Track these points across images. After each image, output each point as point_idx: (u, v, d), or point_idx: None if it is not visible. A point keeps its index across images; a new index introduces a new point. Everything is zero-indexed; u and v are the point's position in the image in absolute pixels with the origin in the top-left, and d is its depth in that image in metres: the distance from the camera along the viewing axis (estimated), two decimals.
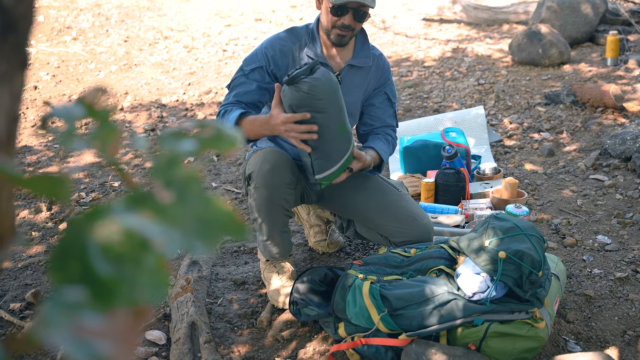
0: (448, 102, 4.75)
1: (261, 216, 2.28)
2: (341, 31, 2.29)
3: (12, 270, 2.71)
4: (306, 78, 2.05)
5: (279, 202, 2.24)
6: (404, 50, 6.28)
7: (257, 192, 2.22)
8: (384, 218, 2.37)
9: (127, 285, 0.50)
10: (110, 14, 7.81)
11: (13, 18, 0.53)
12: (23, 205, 3.32)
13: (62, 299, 0.46)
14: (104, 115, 0.60)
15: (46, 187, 0.54)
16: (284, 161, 2.22)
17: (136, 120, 4.68)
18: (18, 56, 0.56)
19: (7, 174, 0.51)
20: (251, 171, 2.22)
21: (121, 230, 0.52)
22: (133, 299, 0.49)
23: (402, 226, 2.36)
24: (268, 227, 2.31)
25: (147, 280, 0.51)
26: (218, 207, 0.57)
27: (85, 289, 0.47)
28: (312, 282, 2.23)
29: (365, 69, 2.44)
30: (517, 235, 2.03)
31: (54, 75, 5.69)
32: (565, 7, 5.86)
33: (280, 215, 2.29)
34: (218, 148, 0.62)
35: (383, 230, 2.39)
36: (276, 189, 2.21)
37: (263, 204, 2.24)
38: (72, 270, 0.49)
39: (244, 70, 2.35)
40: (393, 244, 2.40)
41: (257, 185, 2.20)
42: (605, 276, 2.53)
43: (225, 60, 6.17)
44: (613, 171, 3.50)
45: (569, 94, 4.47)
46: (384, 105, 2.49)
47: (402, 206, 2.38)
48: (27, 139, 4.26)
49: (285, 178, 2.21)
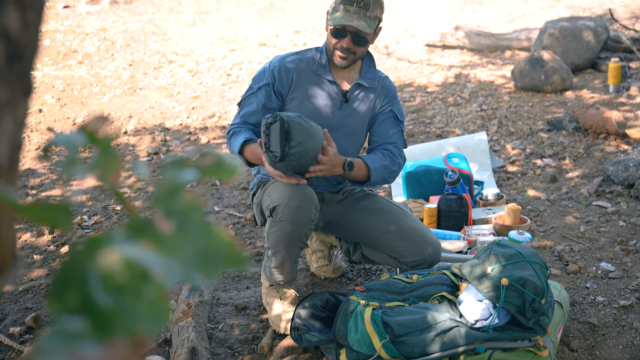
0: (451, 127, 4.77)
1: (278, 247, 2.28)
2: (342, 53, 2.34)
3: (12, 294, 2.71)
4: (291, 149, 2.10)
5: (300, 238, 2.26)
6: (407, 76, 6.32)
7: (280, 225, 2.22)
8: (393, 238, 2.39)
9: (127, 316, 0.50)
10: (116, 38, 7.88)
11: (18, 47, 0.54)
12: (25, 228, 3.32)
13: (61, 328, 0.46)
14: (106, 143, 0.61)
15: (47, 215, 0.54)
16: (311, 199, 2.22)
17: (140, 144, 4.70)
18: (22, 84, 0.56)
19: (8, 201, 0.51)
20: (277, 204, 2.21)
21: (121, 261, 0.52)
22: (132, 329, 0.49)
23: (412, 246, 2.37)
24: (282, 257, 2.32)
25: (146, 311, 0.51)
26: (219, 237, 0.57)
27: (85, 319, 0.47)
28: (314, 307, 2.22)
29: (372, 90, 2.49)
30: (520, 262, 2.02)
31: (58, 99, 5.72)
32: (567, 34, 5.89)
33: (296, 249, 2.31)
34: (218, 176, 0.62)
35: (392, 251, 2.41)
36: (301, 226, 2.22)
37: (284, 237, 2.24)
38: (71, 300, 0.49)
39: (253, 89, 2.43)
40: (402, 264, 2.41)
41: (282, 218, 2.20)
42: (609, 304, 2.51)
43: (229, 84, 6.20)
44: (616, 198, 3.49)
45: (571, 120, 4.48)
46: (389, 122, 2.50)
47: (410, 226, 2.40)
48: (30, 162, 4.27)
49: (311, 215, 2.22)
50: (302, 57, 2.44)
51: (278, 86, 2.39)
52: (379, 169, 2.40)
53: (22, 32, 0.54)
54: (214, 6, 10.24)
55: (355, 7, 2.28)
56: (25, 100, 0.59)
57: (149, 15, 9.36)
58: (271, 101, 2.40)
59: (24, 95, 0.58)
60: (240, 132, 2.35)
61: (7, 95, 0.55)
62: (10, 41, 0.54)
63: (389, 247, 2.41)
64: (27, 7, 0.54)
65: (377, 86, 2.50)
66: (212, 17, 9.39)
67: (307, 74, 2.41)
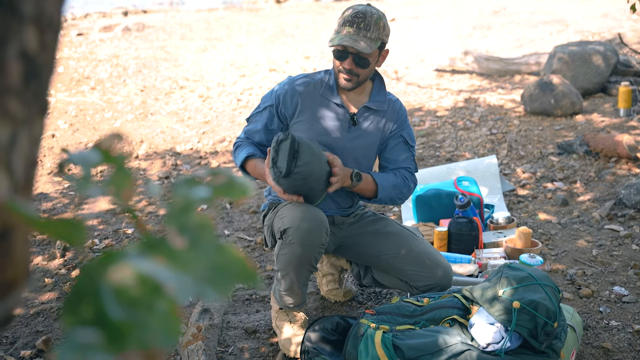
0: (461, 151, 4.77)
1: (287, 270, 2.28)
2: (346, 75, 2.37)
3: (23, 317, 2.71)
4: (297, 168, 2.14)
5: (310, 261, 2.26)
6: (416, 100, 6.34)
7: (290, 247, 2.23)
8: (404, 262, 2.38)
9: (140, 329, 0.50)
10: (128, 65, 7.97)
11: (36, 66, 0.55)
12: (38, 251, 3.33)
13: (75, 340, 0.47)
14: (120, 161, 0.62)
15: (62, 231, 0.55)
16: (322, 222, 2.24)
17: (151, 168, 4.73)
18: (39, 102, 0.57)
19: (24, 216, 0.52)
20: (288, 227, 2.22)
21: (134, 275, 0.53)
22: (145, 342, 0.50)
23: (423, 270, 2.37)
24: (291, 280, 2.31)
25: (159, 324, 0.51)
26: (230, 253, 0.58)
27: (98, 332, 0.48)
28: (324, 330, 2.21)
29: (381, 113, 2.49)
30: (532, 285, 2.01)
31: (71, 124, 5.78)
32: (576, 59, 5.91)
33: (306, 272, 2.31)
34: (230, 196, 0.63)
35: (403, 275, 2.40)
36: (311, 249, 2.22)
37: (294, 260, 2.25)
38: (85, 313, 0.50)
39: (260, 107, 2.50)
40: (414, 289, 2.40)
41: (292, 241, 2.21)
42: (623, 328, 2.49)
43: (240, 109, 6.25)
44: (628, 221, 3.47)
45: (582, 143, 4.47)
46: (400, 147, 2.51)
47: (422, 250, 2.39)
48: (43, 186, 4.31)
49: (321, 239, 2.23)
50: (311, 79, 2.47)
51: (282, 109, 2.43)
52: (388, 187, 2.41)
53: (39, 52, 0.56)
54: (224, 33, 10.35)
55: (355, 28, 2.30)
56: (41, 118, 0.60)
57: (160, 42, 9.48)
58: (273, 123, 2.45)
59: (40, 113, 0.60)
60: (244, 146, 2.44)
61: (24, 112, 0.56)
62: (29, 60, 0.55)
63: (400, 271, 2.41)
64: (45, 28, 0.56)
65: (387, 109, 2.50)
66: (223, 43, 9.50)
67: (314, 97, 2.43)
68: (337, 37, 2.32)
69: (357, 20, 2.30)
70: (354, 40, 2.29)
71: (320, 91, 2.44)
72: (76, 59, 8.17)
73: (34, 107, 0.58)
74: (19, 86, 0.54)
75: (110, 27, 10.40)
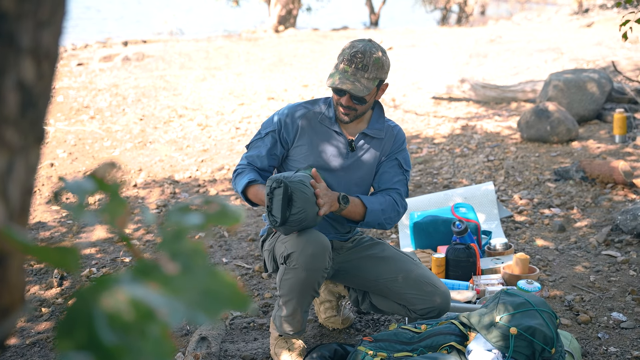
0: (458, 178, 4.79)
1: (291, 295, 2.29)
2: (343, 110, 2.40)
3: (19, 347, 2.70)
4: (292, 216, 2.17)
5: (313, 286, 2.27)
6: (414, 128, 6.38)
7: (294, 272, 2.24)
8: (402, 286, 2.39)
9: (132, 354, 0.51)
10: (127, 94, 8.02)
11: (33, 96, 0.57)
12: (35, 280, 3.33)
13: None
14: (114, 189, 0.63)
15: (56, 257, 0.56)
16: (325, 246, 2.25)
17: (149, 197, 4.74)
18: (35, 131, 0.59)
19: (19, 243, 0.53)
20: (292, 251, 2.23)
21: (127, 300, 0.53)
22: None
23: (421, 294, 2.38)
24: (294, 306, 2.32)
25: (151, 349, 0.52)
26: (222, 279, 0.59)
27: (91, 356, 0.49)
28: (322, 358, 2.21)
29: (379, 140, 2.52)
30: (529, 310, 2.01)
31: (70, 153, 5.81)
32: (571, 86, 5.96)
33: (309, 297, 2.32)
34: (223, 223, 0.64)
35: (401, 299, 2.41)
36: (315, 273, 2.23)
37: (297, 285, 2.25)
38: (78, 338, 0.50)
39: (261, 134, 2.50)
40: (412, 312, 2.41)
41: (296, 266, 2.22)
42: (622, 355, 2.48)
43: (238, 137, 6.28)
44: (625, 247, 3.47)
45: (578, 170, 4.49)
46: (393, 170, 2.53)
47: (420, 274, 2.40)
48: (41, 215, 4.31)
49: (324, 263, 2.24)
50: (310, 107, 2.50)
51: (284, 133, 2.45)
52: (376, 211, 2.41)
53: (36, 81, 0.58)
54: (223, 62, 10.44)
55: (353, 69, 2.33)
56: (37, 147, 0.62)
57: (160, 72, 9.55)
58: (276, 148, 2.47)
59: (36, 142, 0.61)
60: (245, 172, 2.43)
61: (20, 141, 0.58)
62: (26, 90, 0.57)
63: (398, 295, 2.41)
64: (42, 58, 0.57)
65: (384, 136, 2.53)
66: (222, 72, 9.58)
67: (313, 123, 2.47)
68: (334, 76, 2.35)
69: (355, 60, 2.32)
70: (351, 83, 2.31)
71: (319, 118, 2.47)
72: (76, 89, 8.23)
73: (31, 136, 0.59)
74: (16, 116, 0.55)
75: (110, 56, 10.49)
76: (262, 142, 2.48)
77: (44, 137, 0.62)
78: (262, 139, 2.49)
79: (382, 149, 2.53)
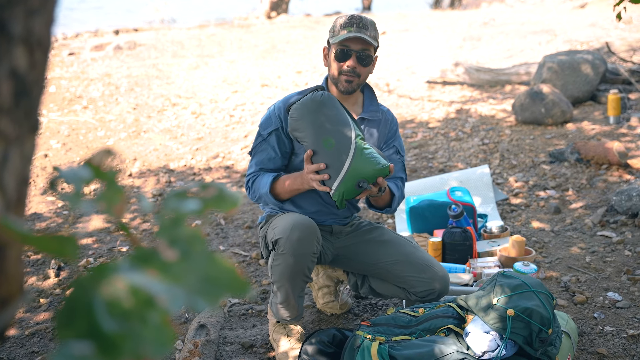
0: (453, 162, 4.79)
1: (282, 281, 2.29)
2: (347, 76, 2.38)
3: (18, 338, 2.70)
4: (294, 104, 2.23)
5: (303, 270, 2.27)
6: (408, 112, 6.37)
7: (282, 258, 2.24)
8: (402, 268, 2.40)
9: (133, 341, 0.51)
10: (120, 83, 7.99)
11: (26, 85, 0.56)
12: (32, 271, 3.32)
13: (68, 352, 0.47)
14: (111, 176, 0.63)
15: (54, 246, 0.56)
16: (312, 230, 2.25)
17: (145, 186, 4.73)
18: (30, 120, 0.58)
19: (16, 233, 0.52)
20: (279, 237, 2.23)
21: (127, 288, 0.53)
22: (138, 353, 0.51)
23: (421, 275, 2.39)
24: (286, 291, 2.32)
25: (152, 335, 0.52)
26: (221, 265, 0.59)
27: (91, 344, 0.49)
28: (321, 343, 2.21)
29: (376, 122, 2.54)
30: (525, 292, 2.02)
31: (64, 144, 5.78)
32: (565, 68, 5.96)
33: (300, 282, 2.31)
34: (220, 208, 0.63)
35: (401, 282, 2.42)
36: (303, 258, 2.23)
37: (287, 271, 2.25)
38: (79, 327, 0.50)
39: (262, 135, 2.44)
40: (411, 295, 2.42)
41: (283, 251, 2.22)
42: (618, 334, 2.50)
43: (233, 125, 6.26)
44: (620, 227, 3.49)
45: (573, 152, 4.50)
46: (394, 158, 2.56)
47: (419, 257, 2.42)
48: (37, 206, 4.30)
49: (312, 247, 2.24)
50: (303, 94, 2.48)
51: (286, 127, 2.40)
52: (398, 198, 2.50)
53: (29, 71, 0.57)
54: (216, 49, 10.39)
55: (355, 28, 2.35)
56: (32, 137, 0.61)
57: (152, 60, 9.50)
58: (284, 145, 2.43)
59: (31, 132, 0.61)
60: (261, 175, 2.40)
61: (15, 131, 0.57)
62: (18, 79, 0.56)
63: (398, 278, 2.42)
64: (34, 47, 0.57)
65: (381, 118, 2.54)
66: (215, 60, 9.53)
67: None
68: (342, 35, 2.35)
69: (355, 21, 2.36)
70: (359, 34, 2.34)
71: None
72: (68, 79, 8.19)
73: (25, 125, 0.59)
74: (10, 105, 0.55)
75: (102, 46, 10.42)
76: (267, 144, 2.42)
77: (38, 127, 0.61)
78: (265, 141, 2.43)
79: (379, 132, 2.54)
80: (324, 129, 2.21)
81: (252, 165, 2.45)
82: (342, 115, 2.25)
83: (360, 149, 2.19)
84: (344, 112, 2.27)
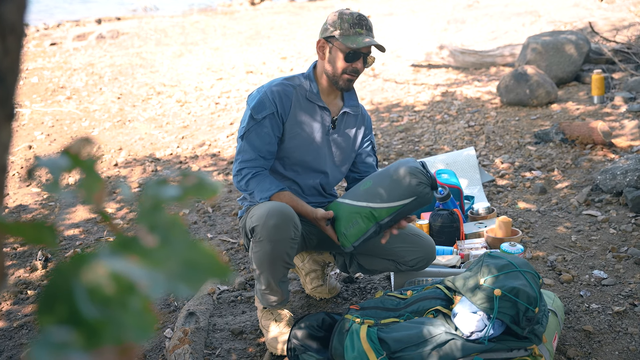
0: (439, 144, 4.80)
1: (262, 268, 2.29)
2: (350, 76, 2.42)
3: (7, 330, 2.69)
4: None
5: (282, 257, 2.26)
6: (394, 96, 6.37)
7: (260, 245, 2.23)
8: (390, 241, 2.41)
9: (114, 327, 0.51)
10: (104, 73, 7.92)
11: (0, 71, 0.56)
12: (19, 263, 3.31)
13: (49, 338, 0.47)
14: (89, 164, 0.62)
15: (33, 233, 0.55)
16: (289, 216, 2.23)
17: (131, 175, 4.71)
18: (5, 108, 0.58)
19: None
20: (255, 225, 2.23)
21: (107, 274, 0.53)
22: (120, 339, 0.51)
23: (408, 245, 2.45)
24: (267, 278, 2.32)
25: (133, 321, 0.52)
26: (202, 249, 0.59)
27: (72, 330, 0.49)
28: (310, 327, 2.22)
29: (355, 117, 2.58)
30: (512, 272, 2.04)
31: (48, 135, 5.74)
32: (549, 49, 5.97)
33: (280, 268, 2.31)
34: (200, 196, 0.63)
35: (389, 254, 2.45)
36: (280, 244, 2.22)
37: (265, 258, 2.25)
38: (59, 313, 0.50)
39: (256, 119, 2.38)
40: (401, 265, 2.46)
41: (260, 238, 2.22)
42: (604, 311, 2.53)
43: (218, 112, 6.24)
44: (605, 206, 3.52)
45: (558, 132, 4.53)
46: (370, 153, 2.66)
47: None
48: (22, 198, 4.28)
49: (290, 233, 2.23)
50: (293, 83, 2.46)
51: (280, 112, 2.39)
52: None
53: (2, 57, 0.56)
54: (200, 37, 10.32)
55: (365, 30, 2.39)
56: (8, 124, 0.61)
57: (135, 49, 9.43)
58: (278, 129, 2.41)
59: (6, 119, 0.60)
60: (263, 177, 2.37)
61: None
62: None
63: (386, 250, 2.45)
64: (7, 33, 0.56)
65: (359, 114, 2.60)
66: (199, 47, 9.47)
67: (301, 101, 2.45)
68: (360, 40, 2.36)
69: (364, 23, 2.39)
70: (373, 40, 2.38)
71: (306, 95, 2.45)
72: (50, 69, 8.11)
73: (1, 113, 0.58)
74: None
75: (84, 35, 10.32)
76: (261, 128, 2.37)
77: (14, 115, 0.61)
78: (259, 125, 2.37)
79: (357, 127, 2.59)
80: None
81: (246, 151, 2.38)
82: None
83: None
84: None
